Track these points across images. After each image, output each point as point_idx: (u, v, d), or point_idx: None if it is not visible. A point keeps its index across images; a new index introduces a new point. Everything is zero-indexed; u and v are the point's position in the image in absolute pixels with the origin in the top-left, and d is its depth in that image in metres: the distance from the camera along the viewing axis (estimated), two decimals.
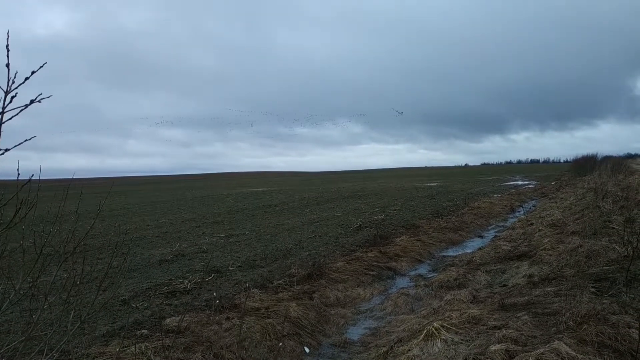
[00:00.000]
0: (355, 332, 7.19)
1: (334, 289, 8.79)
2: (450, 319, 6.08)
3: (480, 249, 12.38)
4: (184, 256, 11.90)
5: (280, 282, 8.93)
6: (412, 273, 10.58)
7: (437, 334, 5.62)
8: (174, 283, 8.99)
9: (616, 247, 8.91)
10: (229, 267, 10.33)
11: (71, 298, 3.67)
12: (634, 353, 4.60)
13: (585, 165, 49.24)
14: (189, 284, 8.90)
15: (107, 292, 7.91)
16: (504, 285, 8.22)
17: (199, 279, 9.29)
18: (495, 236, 14.63)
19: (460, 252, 12.50)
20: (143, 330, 6.43)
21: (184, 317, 6.74)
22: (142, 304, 7.81)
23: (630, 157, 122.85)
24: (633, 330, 4.95)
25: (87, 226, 4.33)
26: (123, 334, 6.31)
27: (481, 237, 15.26)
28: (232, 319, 6.73)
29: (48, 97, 2.58)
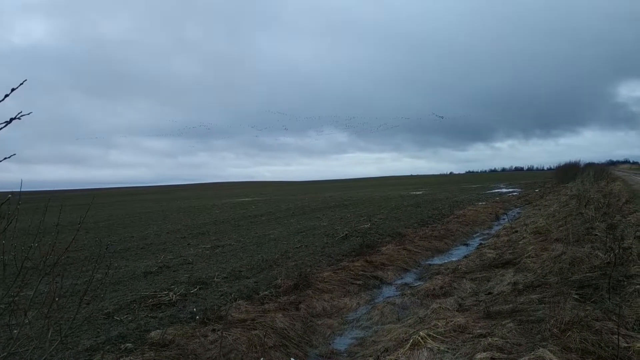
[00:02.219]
0: (342, 343, 7.16)
1: (321, 299, 8.76)
2: (437, 328, 6.09)
3: (465, 257, 12.45)
4: (169, 268, 11.79)
5: (266, 293, 8.89)
6: (399, 282, 10.60)
7: (423, 343, 5.63)
8: (158, 295, 8.90)
9: (599, 253, 9.00)
10: (215, 279, 10.26)
11: (52, 312, 3.62)
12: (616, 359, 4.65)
13: (568, 172, 49.89)
14: (174, 296, 8.82)
15: (90, 306, 7.82)
16: (489, 293, 8.25)
17: (184, 290, 9.20)
18: (481, 244, 14.72)
19: (446, 261, 12.56)
20: (127, 344, 6.35)
21: (167, 330, 6.68)
22: (126, 317, 7.71)
23: (612, 163, 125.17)
24: (616, 336, 5.00)
25: (70, 239, 4.28)
26: (107, 348, 6.24)
27: (466, 245, 15.34)
28: (218, 331, 6.67)
29: (28, 114, 2.56)
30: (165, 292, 9.06)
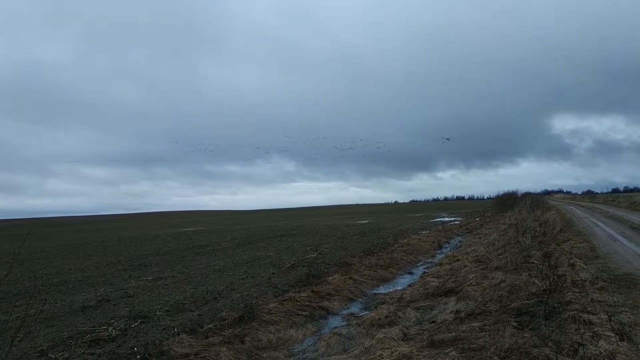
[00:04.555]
0: None
1: (266, 331, 8.66)
2: (382, 358, 6.14)
3: (410, 285, 12.62)
4: (108, 301, 11.38)
5: (210, 326, 8.71)
6: (345, 312, 10.61)
7: None
8: (97, 330, 8.56)
9: (536, 281, 9.36)
10: (157, 312, 9.98)
11: None
12: None
13: (507, 201, 51.88)
14: (114, 330, 8.50)
15: (23, 343, 7.42)
16: (433, 322, 8.40)
17: (124, 325, 8.90)
18: (424, 272, 14.97)
19: (391, 290, 12.69)
20: None
21: None
22: (62, 355, 7.37)
23: (547, 193, 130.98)
24: None
25: (2, 272, 4.08)
26: None
27: (411, 273, 15.57)
28: None
29: None
30: (105, 327, 8.73)
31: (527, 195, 62.31)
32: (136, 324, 9.06)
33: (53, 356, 7.30)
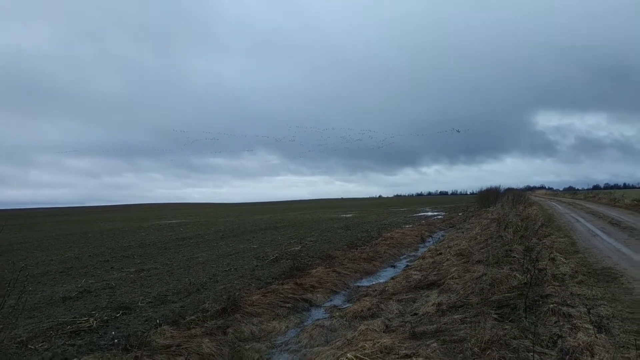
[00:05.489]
0: None
1: (249, 323, 8.65)
2: (364, 350, 6.16)
3: (392, 278, 12.69)
4: (90, 292, 11.28)
5: (193, 317, 8.68)
6: (328, 304, 10.65)
7: None
8: (78, 321, 8.48)
9: (517, 274, 9.47)
10: (139, 303, 9.91)
11: None
12: None
13: (490, 197, 52.24)
14: (95, 322, 8.44)
15: (1, 334, 7.33)
16: (415, 314, 8.47)
17: (105, 316, 8.83)
18: (407, 266, 15.07)
19: (374, 282, 12.76)
20: None
21: (86, 358, 6.37)
22: (42, 345, 7.29)
23: (529, 189, 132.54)
24: (532, 354, 5.27)
25: None
26: None
27: (394, 266, 15.66)
28: (141, 358, 6.44)
29: None
30: (85, 318, 8.66)
31: (509, 190, 62.96)
32: (118, 315, 9.00)
33: (32, 347, 7.22)
